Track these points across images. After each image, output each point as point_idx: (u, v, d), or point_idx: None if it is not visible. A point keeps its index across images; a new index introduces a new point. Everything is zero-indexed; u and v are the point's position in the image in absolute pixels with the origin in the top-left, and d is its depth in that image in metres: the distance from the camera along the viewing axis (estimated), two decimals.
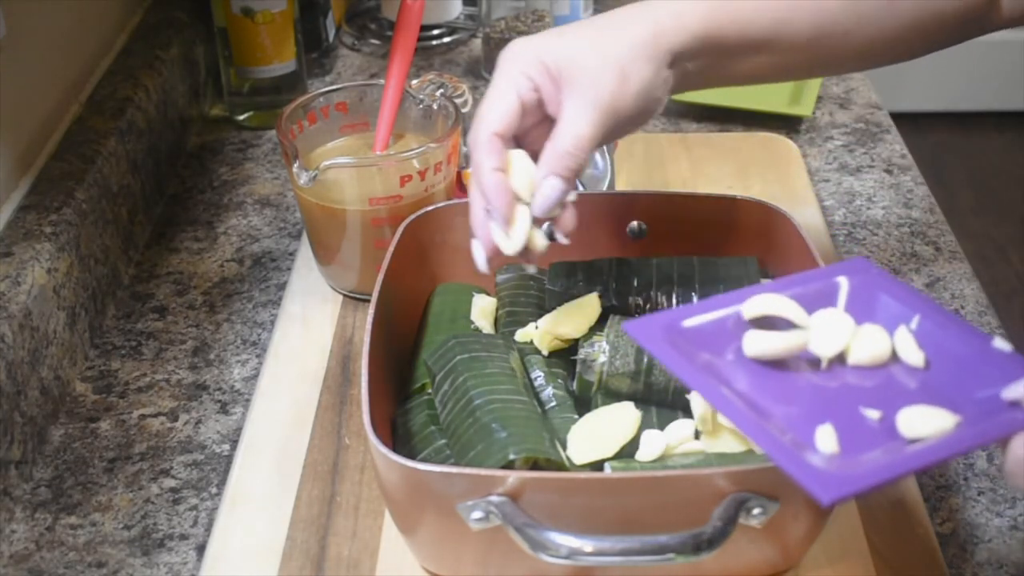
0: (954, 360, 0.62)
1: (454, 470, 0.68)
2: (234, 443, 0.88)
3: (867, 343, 0.64)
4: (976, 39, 0.81)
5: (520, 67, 0.73)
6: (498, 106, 0.73)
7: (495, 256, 0.75)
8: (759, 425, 0.58)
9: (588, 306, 0.83)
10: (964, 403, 0.59)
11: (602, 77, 0.72)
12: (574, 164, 0.72)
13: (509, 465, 0.71)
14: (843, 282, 0.67)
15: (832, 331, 0.64)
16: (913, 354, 0.63)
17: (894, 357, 0.64)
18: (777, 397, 0.61)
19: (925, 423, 0.58)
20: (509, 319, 0.87)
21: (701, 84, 0.78)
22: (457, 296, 0.90)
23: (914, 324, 0.64)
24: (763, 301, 0.65)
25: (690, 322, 0.65)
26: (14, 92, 0.96)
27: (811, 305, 0.66)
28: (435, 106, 1.01)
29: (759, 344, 0.64)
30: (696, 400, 0.75)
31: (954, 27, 0.79)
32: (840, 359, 0.65)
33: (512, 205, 0.73)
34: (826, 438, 0.57)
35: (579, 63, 0.72)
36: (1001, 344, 0.61)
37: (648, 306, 0.85)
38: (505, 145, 0.73)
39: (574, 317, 0.82)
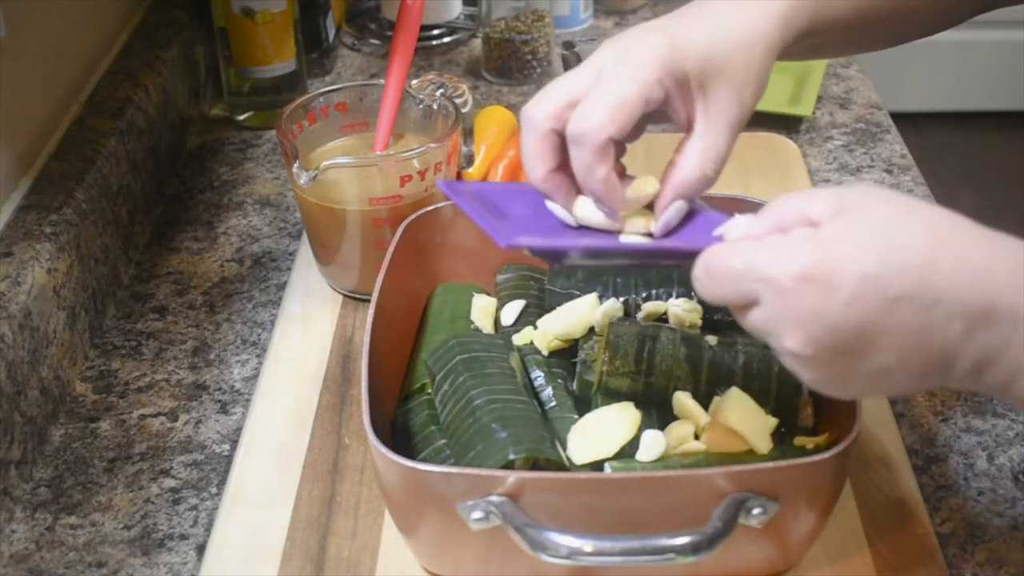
0: (690, 222, 0.70)
1: (454, 470, 0.68)
2: (234, 443, 0.88)
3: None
4: (976, 39, 0.82)
5: (657, 71, 0.67)
6: (621, 110, 0.66)
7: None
8: (483, 213, 0.69)
9: (588, 306, 0.83)
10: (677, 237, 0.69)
11: (744, 94, 0.69)
12: (708, 185, 0.69)
13: (509, 465, 0.71)
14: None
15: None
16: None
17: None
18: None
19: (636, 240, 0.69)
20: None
21: (794, 58, 0.77)
22: (457, 296, 0.90)
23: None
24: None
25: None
26: (14, 92, 0.96)
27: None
28: (435, 106, 1.01)
29: (584, 210, 0.70)
30: (682, 401, 0.76)
31: None
32: None
33: (622, 207, 0.69)
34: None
35: (725, 71, 0.68)
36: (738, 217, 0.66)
37: (646, 305, 0.85)
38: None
39: (574, 317, 0.82)
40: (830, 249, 0.57)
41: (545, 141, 0.69)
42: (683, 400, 0.76)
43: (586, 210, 0.70)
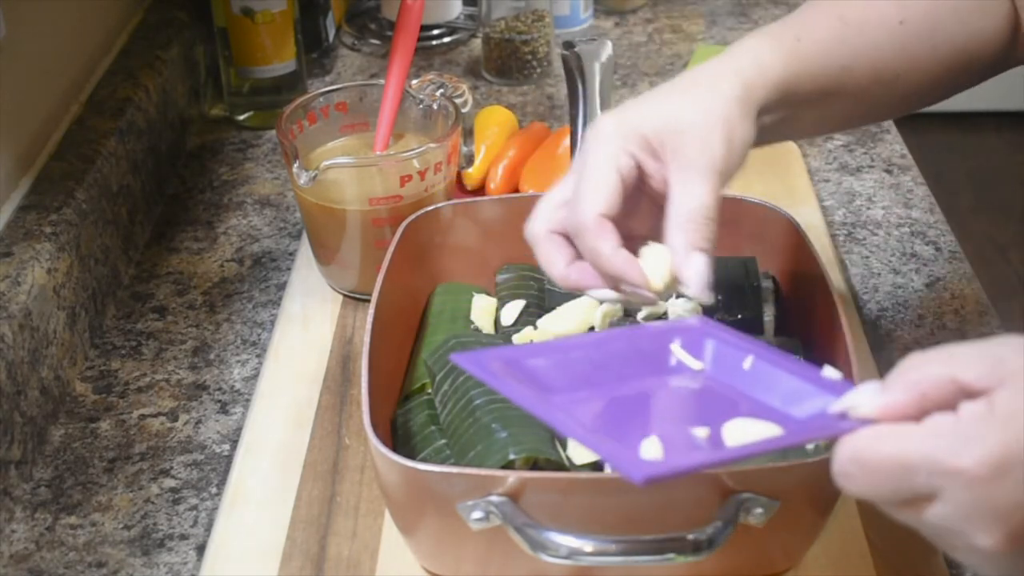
0: (784, 389, 0.61)
1: (454, 470, 0.68)
2: (234, 443, 0.88)
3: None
4: None
5: (618, 144, 0.68)
6: (600, 188, 0.67)
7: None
8: (586, 433, 0.58)
9: (588, 306, 0.83)
10: (791, 420, 0.58)
11: (710, 141, 0.68)
12: (712, 231, 0.67)
13: (509, 465, 0.71)
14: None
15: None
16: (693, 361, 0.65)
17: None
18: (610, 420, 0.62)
19: (748, 433, 0.57)
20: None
21: (769, 139, 0.76)
22: (457, 296, 0.90)
23: (747, 363, 0.63)
24: None
25: (533, 361, 0.64)
26: (14, 92, 0.96)
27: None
28: (435, 106, 1.01)
29: None
30: None
31: (985, 66, 0.81)
32: None
33: (644, 277, 0.68)
34: (651, 447, 0.56)
35: (683, 130, 0.68)
36: (831, 372, 0.61)
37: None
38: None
39: (574, 317, 0.82)
40: (1016, 427, 0.49)
41: (552, 243, 0.70)
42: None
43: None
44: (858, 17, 0.76)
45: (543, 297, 0.88)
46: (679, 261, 0.67)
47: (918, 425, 0.52)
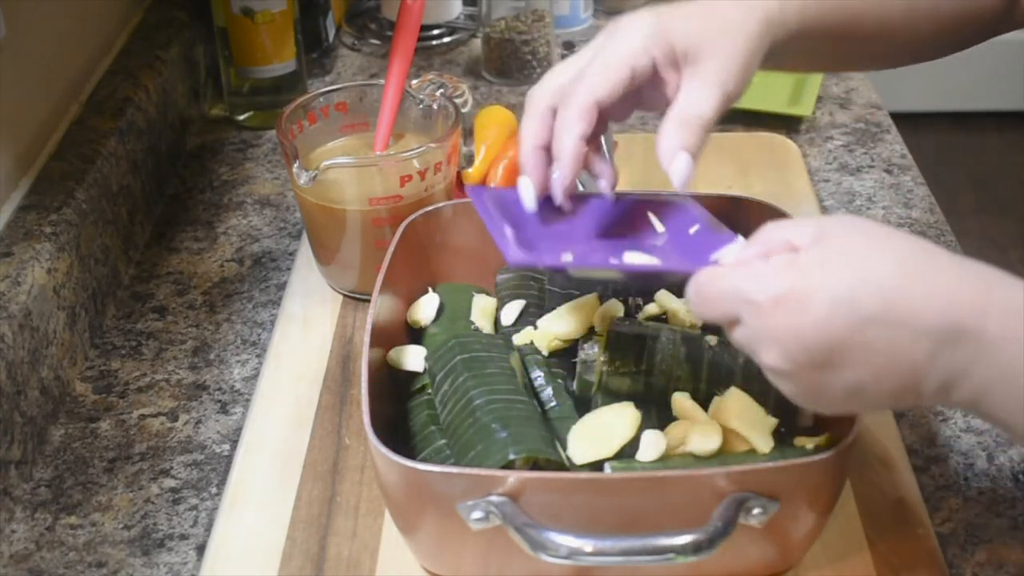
0: (702, 244, 0.73)
1: (454, 470, 0.68)
2: (234, 443, 0.88)
3: None
4: None
5: (646, 42, 0.72)
6: (611, 75, 0.72)
7: (543, 194, 0.76)
8: (502, 232, 0.72)
9: (588, 306, 0.83)
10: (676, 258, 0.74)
11: (729, 66, 0.73)
12: (702, 139, 0.73)
13: (509, 465, 0.71)
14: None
15: None
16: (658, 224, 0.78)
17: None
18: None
19: (638, 259, 0.73)
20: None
21: (773, 67, 0.80)
22: (457, 296, 0.89)
23: (693, 229, 0.77)
24: None
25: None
26: (14, 92, 0.96)
27: None
28: (435, 106, 1.01)
29: None
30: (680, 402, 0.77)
31: (984, 26, 0.85)
32: None
33: (577, 175, 0.75)
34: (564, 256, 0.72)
35: (708, 50, 0.73)
36: (742, 239, 0.71)
37: (647, 305, 0.85)
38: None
39: (574, 317, 0.82)
40: (805, 274, 0.60)
41: (541, 118, 0.75)
42: (681, 401, 0.76)
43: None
44: None
45: (543, 297, 0.88)
46: (667, 156, 0.73)
47: (742, 267, 0.64)
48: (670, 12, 0.74)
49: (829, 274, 0.60)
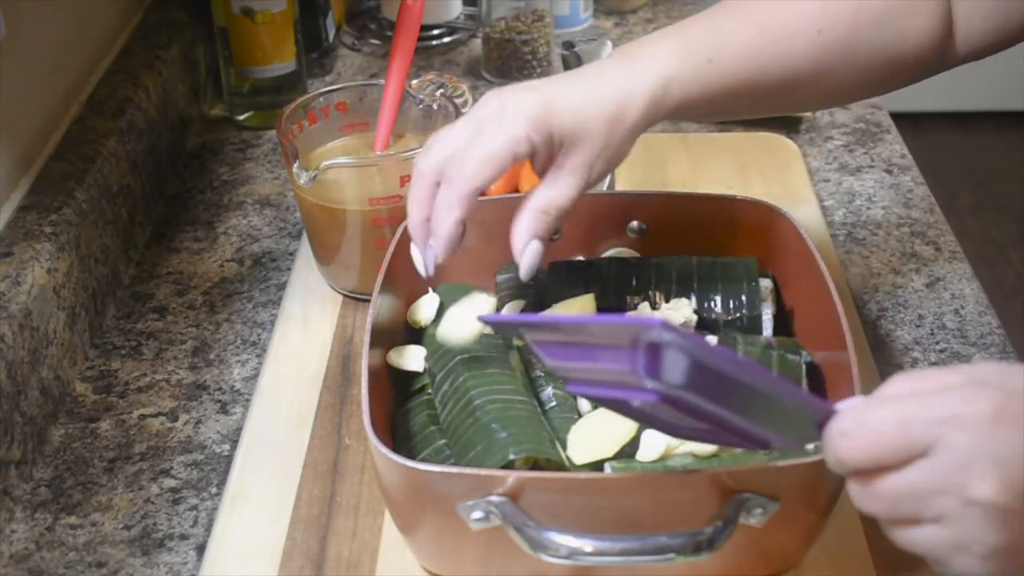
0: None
1: (454, 470, 0.68)
2: (234, 443, 0.88)
3: None
4: None
5: (528, 128, 0.72)
6: (491, 165, 0.72)
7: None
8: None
9: (583, 306, 0.83)
10: None
11: (605, 152, 0.74)
12: (552, 227, 0.75)
13: (509, 465, 0.71)
14: None
15: None
16: None
17: None
18: None
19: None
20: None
21: (669, 118, 0.80)
22: (457, 296, 0.89)
23: None
24: None
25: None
26: (14, 92, 0.96)
27: None
28: (435, 106, 1.01)
29: None
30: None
31: (913, 68, 0.83)
32: None
33: (451, 252, 0.75)
34: None
35: (585, 135, 0.73)
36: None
37: (646, 305, 0.85)
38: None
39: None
40: (1011, 393, 0.52)
41: (427, 191, 0.75)
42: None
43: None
44: (776, 27, 0.78)
45: (543, 297, 0.88)
46: (518, 243, 0.74)
47: (908, 395, 0.54)
48: (558, 89, 0.74)
49: None
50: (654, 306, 0.85)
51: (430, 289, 0.89)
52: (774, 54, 0.78)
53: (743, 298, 0.85)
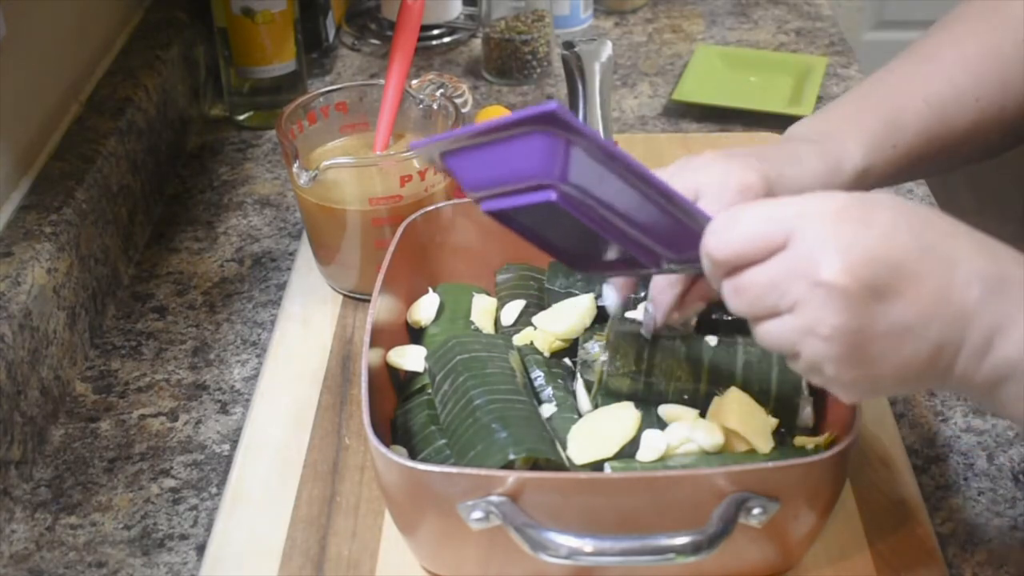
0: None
1: (454, 470, 0.68)
2: (234, 443, 0.88)
3: None
4: None
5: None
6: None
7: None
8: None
9: (583, 306, 0.83)
10: None
11: None
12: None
13: (509, 465, 0.71)
14: None
15: None
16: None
17: None
18: None
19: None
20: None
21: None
22: (457, 296, 0.90)
23: None
24: None
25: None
26: (14, 92, 0.96)
27: None
28: (435, 106, 1.01)
29: None
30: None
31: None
32: None
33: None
34: None
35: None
36: None
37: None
38: None
39: (568, 316, 0.83)
40: (863, 197, 0.60)
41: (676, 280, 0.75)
42: (669, 409, 0.76)
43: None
44: (940, 100, 0.80)
45: (543, 297, 0.88)
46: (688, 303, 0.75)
47: (772, 199, 0.61)
48: (775, 169, 0.73)
49: (885, 200, 0.59)
50: None
51: (430, 289, 0.89)
52: (939, 130, 0.81)
53: None
